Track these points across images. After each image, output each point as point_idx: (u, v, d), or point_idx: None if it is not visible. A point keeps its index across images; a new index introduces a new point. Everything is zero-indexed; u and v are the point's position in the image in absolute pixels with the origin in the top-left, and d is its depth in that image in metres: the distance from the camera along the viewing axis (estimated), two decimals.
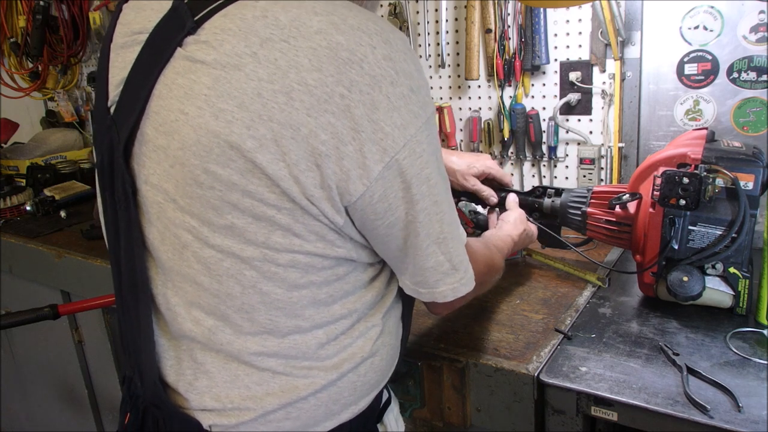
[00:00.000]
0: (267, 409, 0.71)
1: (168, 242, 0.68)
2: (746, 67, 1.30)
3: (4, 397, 2.29)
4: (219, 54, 0.59)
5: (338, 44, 0.58)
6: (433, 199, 0.67)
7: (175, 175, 0.64)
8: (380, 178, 0.61)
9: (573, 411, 0.90)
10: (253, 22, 0.59)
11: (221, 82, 0.59)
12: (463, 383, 1.00)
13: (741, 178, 0.98)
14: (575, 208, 1.21)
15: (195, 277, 0.67)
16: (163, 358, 0.74)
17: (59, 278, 1.77)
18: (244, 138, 0.58)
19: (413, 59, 0.63)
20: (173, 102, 0.62)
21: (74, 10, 2.33)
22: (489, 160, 1.32)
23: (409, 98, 0.61)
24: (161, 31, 0.65)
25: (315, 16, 0.59)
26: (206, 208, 0.63)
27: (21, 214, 2.11)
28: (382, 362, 0.78)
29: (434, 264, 0.71)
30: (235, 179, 0.60)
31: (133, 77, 0.67)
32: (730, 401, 0.81)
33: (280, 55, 0.58)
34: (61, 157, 2.47)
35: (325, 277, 0.68)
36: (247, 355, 0.70)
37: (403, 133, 0.61)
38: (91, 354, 1.90)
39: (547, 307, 1.14)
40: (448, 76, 1.72)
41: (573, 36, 1.50)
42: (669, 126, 1.42)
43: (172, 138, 0.63)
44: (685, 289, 1.01)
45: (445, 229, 0.69)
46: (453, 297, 0.74)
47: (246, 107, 0.58)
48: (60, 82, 2.53)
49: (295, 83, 0.57)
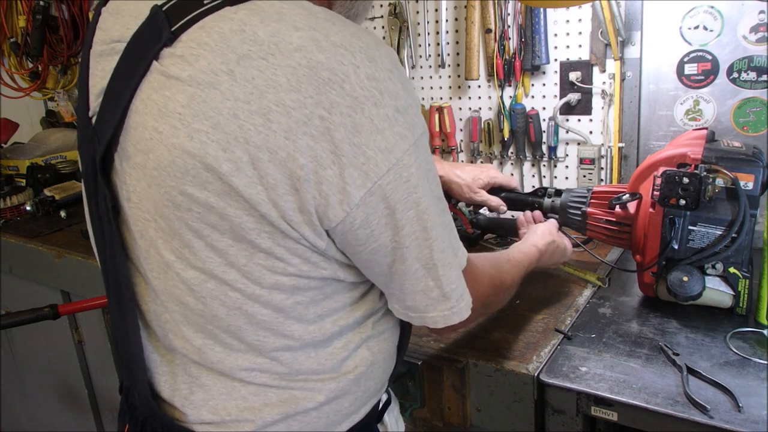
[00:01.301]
0: (266, 420, 0.69)
1: (152, 261, 0.66)
2: (746, 67, 1.30)
3: (4, 397, 2.29)
4: (194, 70, 0.56)
5: (318, 63, 0.55)
6: (422, 224, 0.63)
7: (152, 195, 0.61)
8: (362, 204, 0.59)
9: (573, 411, 0.90)
10: (230, 37, 0.56)
11: (196, 100, 0.56)
12: (463, 383, 1.00)
13: (741, 178, 0.98)
14: (575, 208, 1.21)
15: (180, 297, 0.66)
16: (156, 373, 0.72)
17: (59, 278, 1.76)
18: (220, 161, 0.56)
19: (400, 77, 0.59)
20: (148, 119, 0.59)
21: (74, 10, 2.33)
22: (492, 170, 1.33)
23: (395, 120, 0.58)
24: (138, 40, 0.62)
25: (295, 31, 0.56)
26: (185, 229, 0.61)
27: (21, 214, 2.11)
28: (380, 370, 0.77)
29: (423, 288, 0.67)
30: (212, 202, 0.58)
31: (111, 89, 0.64)
32: (730, 401, 0.81)
33: (258, 74, 0.55)
34: (61, 157, 2.46)
35: (311, 297, 0.66)
36: (239, 371, 0.68)
37: (388, 156, 0.58)
38: (91, 354, 1.90)
39: (547, 307, 1.14)
40: (448, 76, 1.72)
41: (573, 36, 1.50)
42: (669, 126, 1.41)
43: (148, 157, 0.60)
44: (685, 289, 1.01)
45: (436, 255, 0.65)
46: (444, 324, 0.70)
47: (222, 128, 0.55)
48: (60, 82, 2.52)
49: (272, 104, 0.55)
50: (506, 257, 0.96)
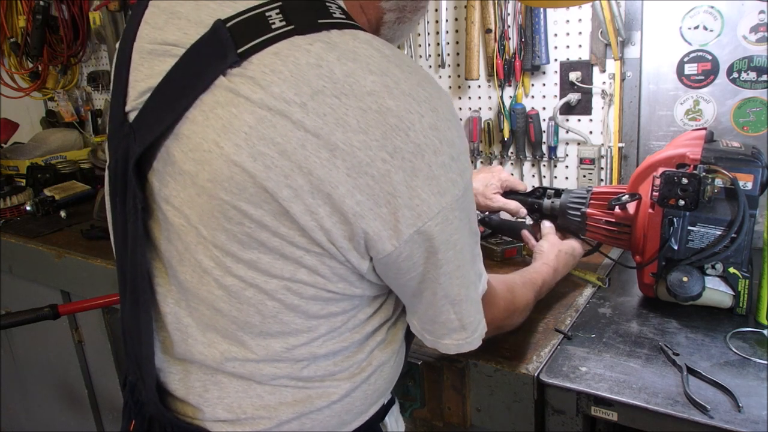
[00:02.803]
0: (281, 419, 0.70)
1: (187, 264, 0.66)
2: (746, 67, 1.30)
3: (4, 397, 2.29)
4: (266, 95, 0.57)
5: (388, 109, 0.57)
6: (457, 263, 0.67)
7: (201, 204, 0.62)
8: (410, 240, 0.62)
9: (573, 411, 0.90)
10: (306, 70, 0.57)
11: (265, 124, 0.57)
12: (463, 383, 1.00)
13: (740, 178, 0.98)
14: (575, 209, 1.21)
15: (214, 303, 0.66)
16: (168, 373, 0.73)
17: (59, 278, 1.76)
18: (281, 186, 0.58)
19: (456, 126, 0.63)
20: (209, 131, 0.60)
21: (74, 10, 2.33)
22: (502, 172, 1.32)
23: (450, 167, 0.61)
24: (200, 52, 0.62)
25: (369, 75, 0.58)
26: (232, 241, 0.62)
27: (21, 214, 2.11)
28: (390, 370, 0.79)
29: (445, 320, 0.71)
30: (267, 221, 0.60)
31: (163, 92, 0.64)
32: (730, 401, 0.81)
33: (330, 111, 0.57)
34: (61, 157, 2.46)
35: (342, 308, 0.69)
36: (259, 376, 0.69)
37: (440, 200, 0.61)
38: (91, 354, 1.90)
39: (547, 307, 1.14)
40: (448, 76, 1.72)
41: (573, 36, 1.50)
42: (669, 126, 1.42)
43: (203, 167, 0.61)
44: (685, 289, 1.01)
45: (463, 291, 0.70)
46: (456, 352, 0.74)
47: (288, 156, 0.57)
48: (60, 82, 2.53)
49: (340, 142, 0.57)
50: (521, 280, 0.99)
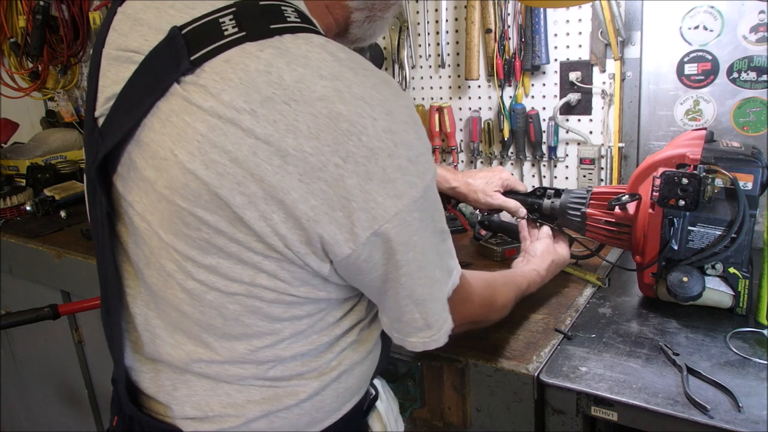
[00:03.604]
0: (249, 416, 0.71)
1: (153, 267, 0.67)
2: (746, 67, 1.30)
3: (4, 397, 2.29)
4: (216, 103, 0.57)
5: (339, 114, 0.57)
6: (419, 264, 0.66)
7: (161, 210, 0.63)
8: (367, 243, 0.61)
9: (573, 411, 0.90)
10: (256, 77, 0.57)
11: (216, 132, 0.57)
12: (463, 383, 1.00)
13: (740, 179, 0.98)
14: (575, 209, 1.21)
15: (179, 305, 0.67)
16: (141, 372, 0.74)
17: (59, 278, 1.77)
18: (234, 193, 0.58)
19: (415, 128, 0.62)
20: (165, 139, 0.60)
21: (74, 10, 2.33)
22: (503, 172, 1.32)
23: (407, 169, 0.60)
24: (157, 59, 0.63)
25: (320, 80, 0.57)
26: (191, 246, 0.62)
27: (21, 214, 2.11)
28: (362, 368, 0.78)
29: (409, 320, 0.71)
30: (222, 227, 0.60)
31: (124, 98, 0.65)
32: (730, 401, 0.81)
33: (280, 117, 0.56)
34: (61, 157, 2.46)
35: (307, 311, 0.69)
36: (226, 376, 0.70)
37: (396, 203, 0.60)
38: (91, 354, 1.90)
39: (547, 307, 1.14)
40: (448, 76, 1.72)
41: (573, 36, 1.50)
42: (669, 126, 1.42)
43: (160, 175, 0.61)
44: (685, 289, 1.01)
45: (426, 291, 0.69)
46: (423, 349, 0.74)
47: (239, 163, 0.57)
48: (60, 82, 2.52)
49: (291, 148, 0.56)
50: (503, 279, 0.98)
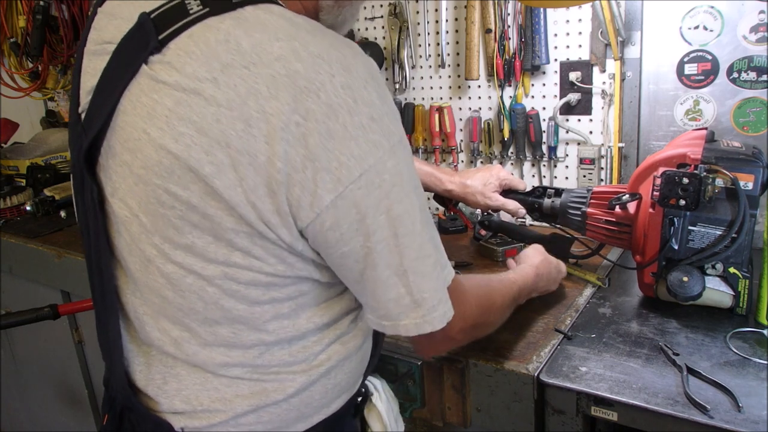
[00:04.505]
0: (237, 411, 0.71)
1: (135, 254, 0.68)
2: (746, 67, 1.30)
3: (4, 397, 2.29)
4: (181, 76, 0.59)
5: (296, 72, 0.57)
6: (393, 230, 0.64)
7: (138, 192, 0.64)
8: (332, 206, 0.60)
9: (573, 411, 0.90)
10: (215, 46, 0.59)
11: (182, 105, 0.59)
12: (463, 383, 1.00)
13: (741, 178, 0.98)
14: (575, 209, 1.21)
15: (160, 291, 0.68)
16: (132, 363, 0.75)
17: (59, 278, 1.77)
18: (203, 163, 0.59)
19: (376, 87, 0.61)
20: (137, 120, 0.62)
21: (74, 10, 2.32)
22: (501, 171, 1.32)
23: (369, 128, 0.60)
24: (127, 45, 0.65)
25: (276, 41, 0.58)
26: (167, 226, 0.63)
27: (21, 214, 2.11)
28: (352, 364, 0.78)
29: (395, 296, 0.67)
30: (195, 201, 0.61)
31: (100, 88, 0.67)
32: (730, 401, 0.81)
33: (240, 82, 0.57)
34: (61, 157, 2.46)
35: (287, 294, 0.68)
36: (213, 365, 0.70)
37: (360, 163, 0.60)
38: (91, 354, 1.90)
39: (547, 307, 1.14)
40: (448, 76, 1.72)
41: (573, 36, 1.50)
42: (669, 126, 1.42)
43: (135, 156, 0.63)
44: (685, 289, 1.01)
45: (407, 262, 0.66)
46: (417, 332, 0.69)
47: (205, 132, 0.58)
48: (60, 82, 2.52)
49: (253, 111, 0.57)
50: (498, 278, 0.97)
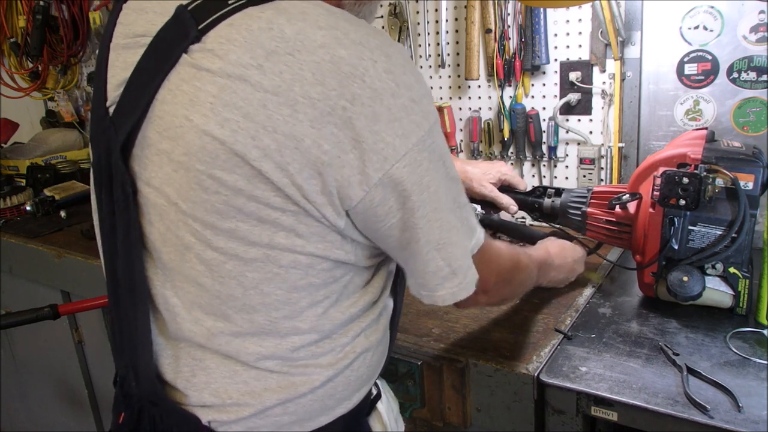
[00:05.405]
0: (266, 404, 0.72)
1: (170, 244, 0.68)
2: (746, 67, 1.30)
3: (4, 397, 2.29)
4: (224, 63, 0.60)
5: (341, 58, 0.59)
6: (434, 206, 0.67)
7: (178, 179, 0.65)
8: (380, 184, 0.63)
9: (573, 411, 0.90)
10: (258, 34, 0.60)
11: (227, 91, 0.60)
12: (463, 383, 1.00)
13: (741, 178, 0.98)
14: (575, 208, 1.21)
15: (197, 279, 0.68)
16: (160, 356, 0.75)
17: (59, 278, 1.77)
18: (249, 147, 0.60)
19: (413, 71, 0.64)
20: (178, 108, 0.63)
21: (74, 10, 2.33)
22: (504, 166, 1.33)
23: (411, 109, 0.63)
24: (165, 36, 0.66)
25: (319, 30, 0.60)
26: (210, 212, 0.64)
27: (21, 214, 2.11)
28: (374, 358, 0.79)
29: (434, 269, 0.71)
30: (241, 185, 0.62)
31: (135, 80, 0.67)
32: (730, 401, 0.81)
33: (285, 68, 0.59)
34: (61, 157, 2.46)
35: (323, 279, 0.70)
36: (245, 355, 0.71)
37: (404, 142, 0.62)
38: (91, 354, 1.90)
39: (547, 307, 1.14)
40: (448, 76, 1.72)
41: (573, 36, 1.50)
42: (669, 126, 1.41)
43: (176, 143, 0.64)
44: (685, 289, 1.01)
45: (445, 235, 0.70)
46: (452, 301, 0.74)
47: (251, 118, 0.60)
48: (60, 82, 2.52)
49: (299, 96, 0.59)
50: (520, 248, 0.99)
